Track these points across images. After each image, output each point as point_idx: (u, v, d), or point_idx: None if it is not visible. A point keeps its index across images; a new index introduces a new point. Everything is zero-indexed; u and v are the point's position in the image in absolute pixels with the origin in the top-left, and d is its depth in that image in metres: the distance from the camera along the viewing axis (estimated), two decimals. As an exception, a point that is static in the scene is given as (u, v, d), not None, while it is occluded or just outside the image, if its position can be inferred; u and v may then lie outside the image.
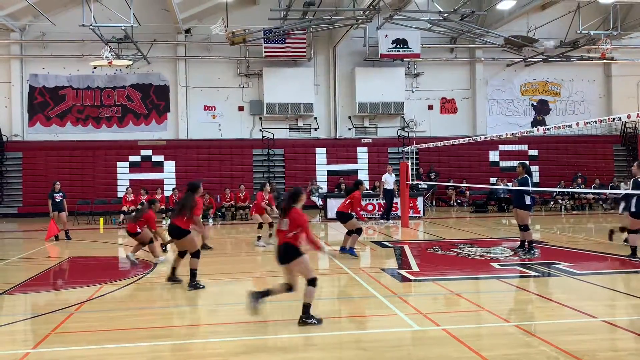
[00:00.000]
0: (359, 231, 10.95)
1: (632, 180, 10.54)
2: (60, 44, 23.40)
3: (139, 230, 10.71)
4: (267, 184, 13.76)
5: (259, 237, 12.88)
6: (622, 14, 23.34)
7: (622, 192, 11.07)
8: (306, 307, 6.12)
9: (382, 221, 17.68)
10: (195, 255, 8.35)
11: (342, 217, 11.10)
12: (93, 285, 8.57)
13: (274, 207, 12.80)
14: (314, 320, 6.09)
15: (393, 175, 18.10)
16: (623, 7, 23.36)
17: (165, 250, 11.54)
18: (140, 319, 6.62)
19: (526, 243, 10.90)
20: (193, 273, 8.25)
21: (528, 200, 10.87)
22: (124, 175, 23.52)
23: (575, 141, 25.51)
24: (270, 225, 12.78)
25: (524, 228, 10.91)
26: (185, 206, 8.40)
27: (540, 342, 5.43)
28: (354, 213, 11.05)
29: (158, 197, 19.99)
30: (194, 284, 8.18)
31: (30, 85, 23.79)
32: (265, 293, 6.18)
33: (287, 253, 6.13)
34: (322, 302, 7.65)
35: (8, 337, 6.09)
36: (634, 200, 10.11)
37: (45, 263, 11.11)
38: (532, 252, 10.73)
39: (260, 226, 13.01)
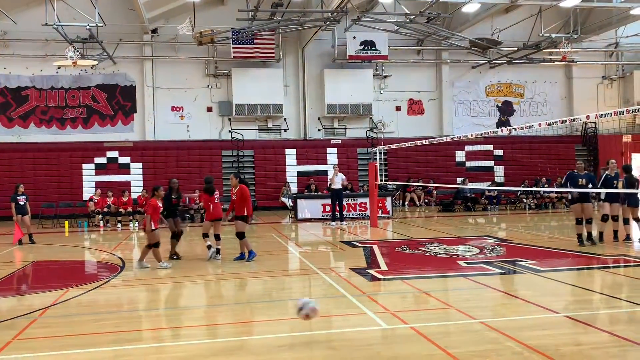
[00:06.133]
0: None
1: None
2: (23, 43, 22.82)
3: (153, 227, 10.02)
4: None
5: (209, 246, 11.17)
6: (582, 17, 24.07)
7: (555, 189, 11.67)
8: None
9: (333, 223, 17.16)
10: None
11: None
12: (58, 289, 8.39)
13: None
14: None
15: (341, 175, 17.55)
16: (583, 11, 24.08)
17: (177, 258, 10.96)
18: (106, 324, 6.52)
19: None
20: None
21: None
22: (89, 177, 23.08)
23: (538, 141, 26.10)
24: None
25: (588, 220, 11.54)
26: None
27: (506, 338, 5.54)
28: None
29: (125, 198, 19.76)
30: None
31: (-9, 86, 23.15)
32: None
33: None
34: (293, 302, 7.65)
35: (-31, 344, 5.91)
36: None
37: (9, 267, 10.83)
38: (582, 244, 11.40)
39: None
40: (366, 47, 24.18)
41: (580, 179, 11.25)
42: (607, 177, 11.87)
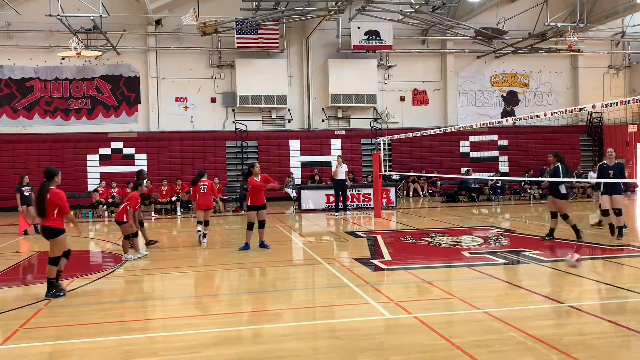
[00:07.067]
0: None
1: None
2: (27, 34, 22.81)
3: (124, 219, 10.15)
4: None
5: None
6: (588, 6, 23.83)
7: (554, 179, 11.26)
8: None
9: (337, 214, 17.32)
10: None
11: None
12: (63, 279, 8.43)
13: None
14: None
15: (344, 165, 17.67)
16: (589, 0, 23.87)
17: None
18: (110, 313, 6.57)
19: (572, 228, 11.05)
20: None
21: (563, 189, 11.05)
22: (94, 168, 23.13)
23: (543, 131, 25.98)
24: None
25: (564, 216, 11.05)
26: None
27: (510, 328, 5.56)
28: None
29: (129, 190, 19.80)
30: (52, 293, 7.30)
31: (-4, 77, 23.17)
32: None
33: None
34: (297, 292, 7.69)
35: (-25, 333, 5.97)
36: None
37: (14, 258, 10.90)
38: (581, 236, 10.95)
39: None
40: (370, 37, 24.06)
41: (545, 174, 11.09)
42: (603, 166, 11.45)
